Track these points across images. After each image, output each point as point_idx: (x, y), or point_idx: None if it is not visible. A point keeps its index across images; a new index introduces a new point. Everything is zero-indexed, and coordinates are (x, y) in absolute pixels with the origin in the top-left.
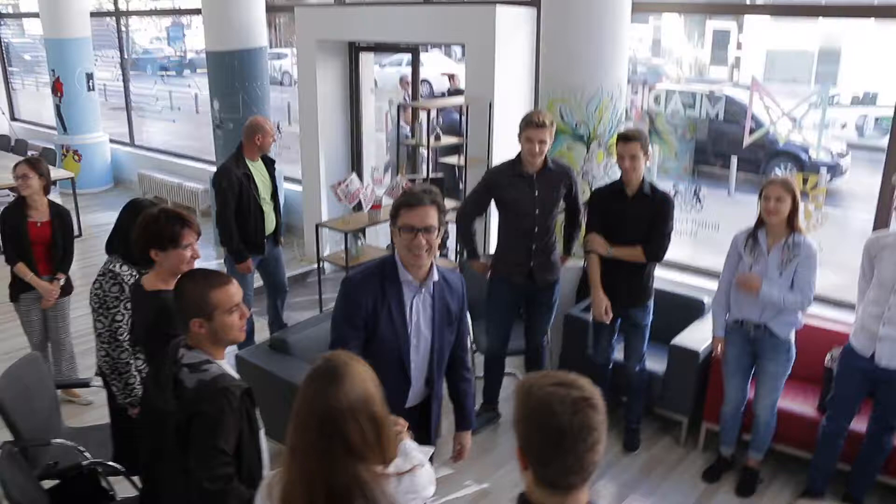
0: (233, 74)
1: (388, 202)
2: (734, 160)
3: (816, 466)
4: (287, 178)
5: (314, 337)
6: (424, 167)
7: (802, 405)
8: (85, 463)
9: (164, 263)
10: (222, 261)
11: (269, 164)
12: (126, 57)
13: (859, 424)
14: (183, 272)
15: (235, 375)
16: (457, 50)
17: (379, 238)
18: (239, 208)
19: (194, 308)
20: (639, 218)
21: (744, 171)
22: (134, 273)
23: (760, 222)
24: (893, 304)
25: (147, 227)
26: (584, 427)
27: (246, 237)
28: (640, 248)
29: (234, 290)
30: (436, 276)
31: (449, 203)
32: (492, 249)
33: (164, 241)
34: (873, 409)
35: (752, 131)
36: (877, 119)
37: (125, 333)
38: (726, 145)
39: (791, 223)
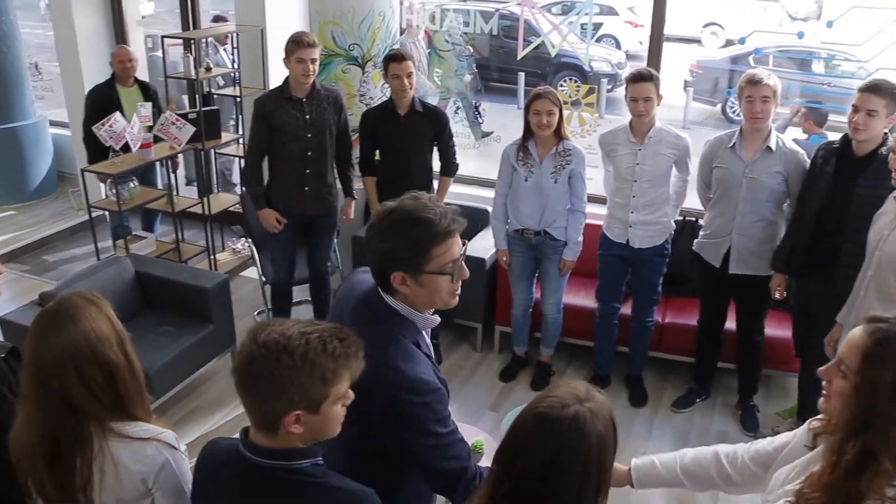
0: None
1: (164, 141)
2: (521, 75)
3: (599, 351)
4: (53, 123)
5: (88, 289)
6: (190, 101)
7: (585, 299)
8: None
9: None
10: None
11: (147, 92)
12: None
13: (628, 309)
14: None
15: None
16: None
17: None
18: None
19: None
20: (414, 135)
21: (532, 86)
22: None
23: (529, 134)
24: (637, 193)
25: None
26: None
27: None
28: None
29: None
30: None
31: (226, 136)
32: None
33: None
34: (633, 294)
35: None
36: None
37: None
38: (510, 60)
39: (559, 132)
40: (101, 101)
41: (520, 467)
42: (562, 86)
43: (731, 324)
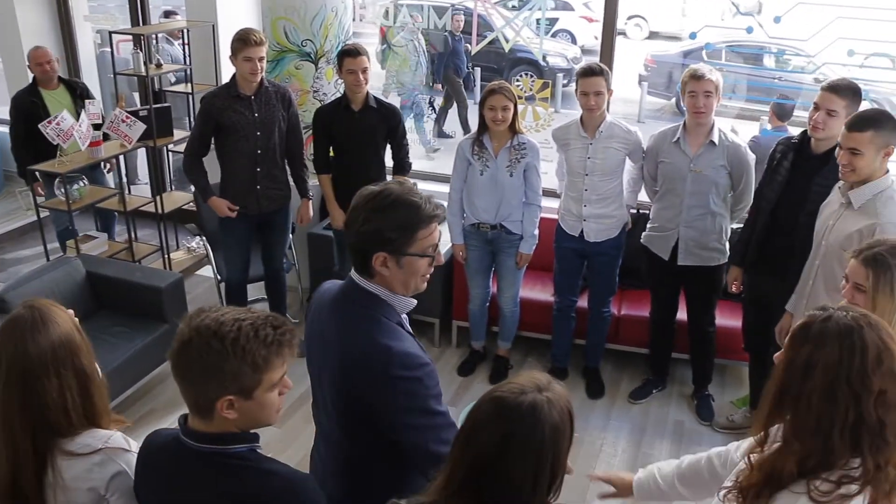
0: None
1: (114, 138)
2: (478, 71)
3: (556, 344)
4: None
5: (38, 290)
6: (141, 98)
7: (541, 292)
8: None
9: None
10: None
11: (73, 89)
12: None
13: (584, 301)
14: None
15: None
16: None
17: (108, 178)
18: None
19: None
20: (369, 131)
21: (488, 81)
22: None
23: (484, 128)
24: (588, 187)
25: None
26: None
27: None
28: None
29: None
30: None
31: (180, 133)
32: None
33: None
34: (589, 287)
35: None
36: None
37: None
38: (466, 56)
39: (513, 127)
40: (25, 108)
41: (473, 451)
42: (517, 80)
43: (683, 315)
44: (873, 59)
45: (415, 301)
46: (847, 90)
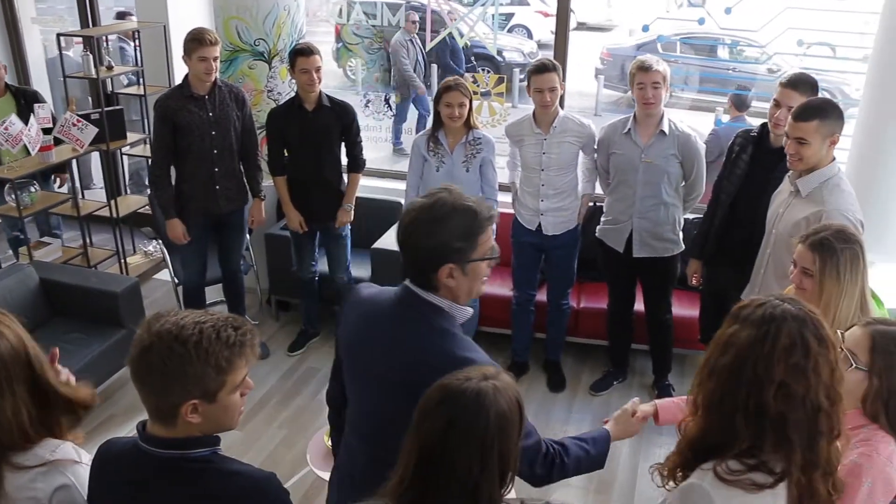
0: None
1: (66, 143)
2: (434, 67)
3: (516, 338)
4: None
5: None
6: (93, 101)
7: (500, 287)
8: None
9: None
10: None
11: (20, 97)
12: None
13: (543, 295)
14: None
15: None
16: None
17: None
18: None
19: None
20: (323, 130)
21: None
22: None
23: (439, 124)
24: (545, 182)
25: None
26: None
27: None
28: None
29: None
30: None
31: (133, 136)
32: None
33: None
34: (547, 280)
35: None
36: None
37: None
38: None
39: (468, 122)
40: None
41: (420, 440)
42: (473, 76)
43: (641, 306)
44: (815, 48)
45: (471, 310)
46: (805, 85)
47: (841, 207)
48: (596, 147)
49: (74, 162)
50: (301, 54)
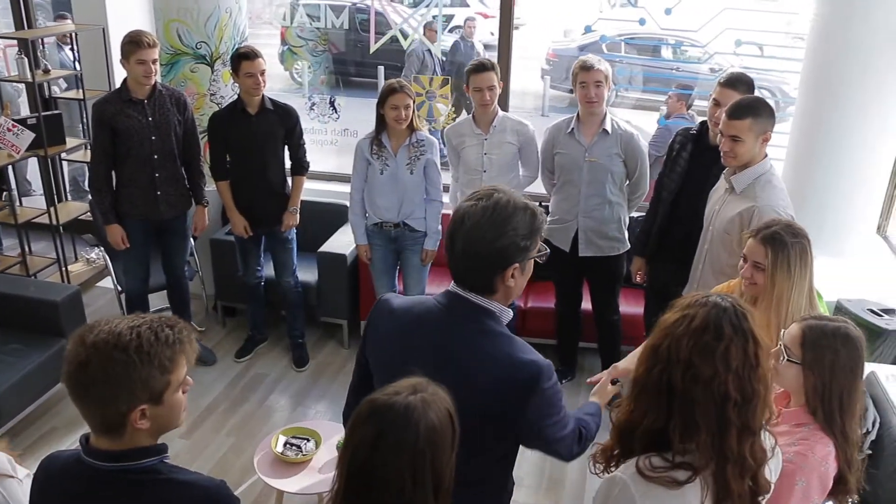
0: None
1: (1, 148)
2: (381, 69)
3: None
4: None
5: None
6: (31, 105)
7: (439, 288)
8: None
9: None
10: None
11: None
12: None
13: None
14: None
15: None
16: None
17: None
18: None
19: None
20: (267, 134)
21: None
22: None
23: (382, 126)
24: (487, 182)
25: None
26: None
27: None
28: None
29: None
30: None
31: (73, 141)
32: None
33: None
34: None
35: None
36: None
37: None
38: (368, 54)
39: (411, 124)
40: None
41: (350, 454)
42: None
43: (588, 305)
44: (746, 47)
45: (511, 311)
46: (742, 84)
47: (772, 203)
48: (539, 151)
49: (10, 168)
50: (246, 58)
